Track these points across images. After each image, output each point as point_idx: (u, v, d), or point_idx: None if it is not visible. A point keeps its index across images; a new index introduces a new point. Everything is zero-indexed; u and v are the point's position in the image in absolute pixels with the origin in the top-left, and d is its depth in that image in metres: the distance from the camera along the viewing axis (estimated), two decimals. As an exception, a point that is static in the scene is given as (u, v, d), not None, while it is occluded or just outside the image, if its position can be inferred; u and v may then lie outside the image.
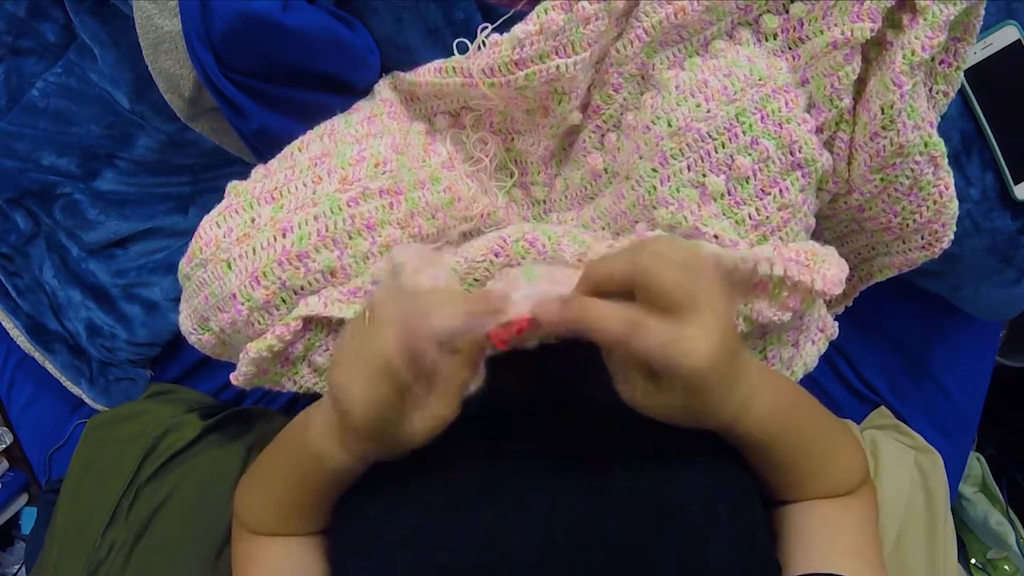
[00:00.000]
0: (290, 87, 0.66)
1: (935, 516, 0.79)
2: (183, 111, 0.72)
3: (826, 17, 0.58)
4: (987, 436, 1.12)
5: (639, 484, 0.50)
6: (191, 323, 0.64)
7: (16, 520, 1.19)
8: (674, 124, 0.58)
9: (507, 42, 0.60)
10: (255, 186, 0.62)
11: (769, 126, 0.57)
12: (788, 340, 0.63)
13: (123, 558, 0.70)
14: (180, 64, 0.67)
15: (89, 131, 0.79)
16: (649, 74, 0.65)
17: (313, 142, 0.65)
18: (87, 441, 0.81)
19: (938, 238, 0.63)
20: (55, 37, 0.76)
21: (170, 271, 0.84)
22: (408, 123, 0.69)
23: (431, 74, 0.65)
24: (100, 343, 0.85)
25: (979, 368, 0.87)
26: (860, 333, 0.83)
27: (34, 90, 0.77)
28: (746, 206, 0.58)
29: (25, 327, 0.86)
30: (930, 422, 0.86)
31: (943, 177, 0.59)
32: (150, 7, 0.64)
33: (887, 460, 0.80)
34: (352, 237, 0.60)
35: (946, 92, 0.62)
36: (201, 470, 0.77)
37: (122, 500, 0.74)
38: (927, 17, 0.55)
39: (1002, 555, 1.04)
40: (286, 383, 0.65)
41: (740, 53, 0.60)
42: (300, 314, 0.59)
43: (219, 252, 0.60)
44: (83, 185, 0.82)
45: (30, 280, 0.86)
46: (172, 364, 0.89)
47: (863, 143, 0.60)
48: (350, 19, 0.67)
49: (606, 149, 0.68)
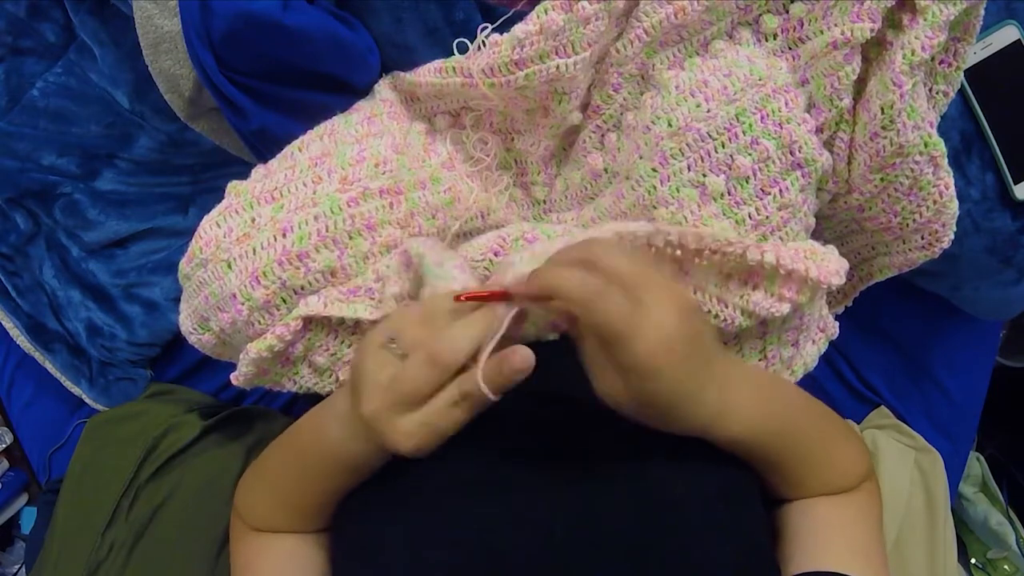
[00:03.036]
0: (290, 87, 0.66)
1: (935, 516, 0.79)
2: (183, 111, 0.72)
3: (826, 17, 0.58)
4: (987, 436, 1.12)
5: (639, 483, 0.50)
6: (191, 323, 0.64)
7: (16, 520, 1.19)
8: (674, 124, 0.58)
9: (507, 42, 0.60)
10: (255, 186, 0.62)
11: (769, 126, 0.57)
12: (788, 340, 0.63)
13: (123, 558, 0.70)
14: (180, 64, 0.67)
15: (89, 131, 0.79)
16: (649, 74, 0.65)
17: (313, 142, 0.65)
18: (87, 441, 0.81)
19: (938, 238, 0.63)
20: (55, 37, 0.76)
21: (170, 271, 0.84)
22: (408, 123, 0.69)
23: (431, 74, 0.65)
24: (100, 343, 0.85)
25: (979, 368, 0.87)
26: (860, 333, 0.83)
27: (34, 90, 0.77)
28: (746, 206, 0.58)
29: (25, 327, 0.86)
30: (930, 422, 0.86)
31: (943, 177, 0.59)
32: (150, 7, 0.64)
33: (887, 460, 0.80)
34: (352, 237, 0.60)
35: (946, 92, 0.62)
36: (201, 470, 0.77)
37: (122, 500, 0.74)
38: (927, 17, 0.55)
39: (1002, 555, 1.04)
40: (286, 383, 0.65)
41: (740, 53, 0.60)
42: (300, 314, 0.59)
43: (219, 252, 0.60)
44: (83, 185, 0.82)
45: (30, 280, 0.86)
46: (172, 364, 0.89)
47: (863, 143, 0.60)
48: (350, 19, 0.67)
49: (606, 149, 0.68)
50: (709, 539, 0.48)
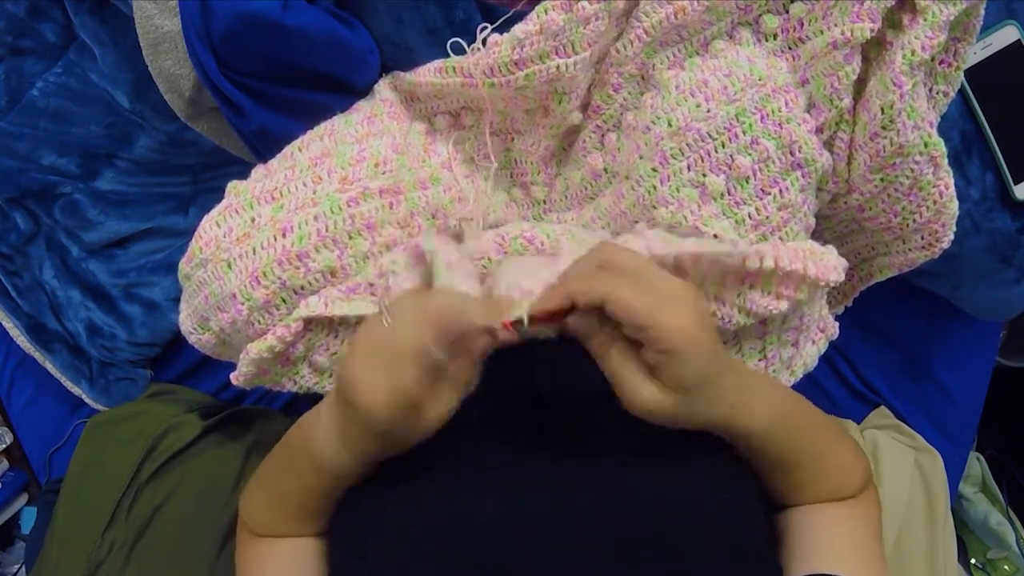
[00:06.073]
0: (290, 87, 0.66)
1: (935, 516, 0.79)
2: (183, 111, 0.72)
3: (826, 17, 0.58)
4: (987, 436, 1.12)
5: (638, 483, 0.50)
6: (191, 323, 0.64)
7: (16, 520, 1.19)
8: (674, 124, 0.58)
9: (507, 42, 0.60)
10: (255, 186, 0.62)
11: (769, 126, 0.57)
12: (788, 340, 0.63)
13: (123, 558, 0.70)
14: (180, 64, 0.67)
15: (89, 131, 0.79)
16: (649, 74, 0.65)
17: (313, 142, 0.65)
18: (87, 441, 0.81)
19: (938, 238, 0.63)
20: (55, 37, 0.76)
21: (170, 271, 0.84)
22: (408, 123, 0.69)
23: (431, 74, 0.65)
24: (100, 343, 0.85)
25: (979, 368, 0.87)
26: (860, 333, 0.83)
27: (34, 90, 0.77)
28: (746, 206, 0.58)
29: (25, 327, 0.86)
30: (930, 422, 0.86)
31: (943, 177, 0.59)
32: (150, 7, 0.64)
33: (887, 460, 0.80)
34: (352, 237, 0.60)
35: (946, 92, 0.62)
36: (201, 470, 0.77)
37: (122, 500, 0.74)
38: (927, 17, 0.55)
39: (1002, 555, 1.04)
40: (286, 383, 0.65)
41: (740, 53, 0.60)
42: (300, 315, 0.59)
43: (219, 252, 0.60)
44: (83, 185, 0.82)
45: (30, 280, 0.86)
46: (172, 364, 0.89)
47: (863, 143, 0.60)
48: (350, 19, 0.67)
49: (606, 149, 0.68)
50: (708, 540, 0.48)
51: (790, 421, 0.53)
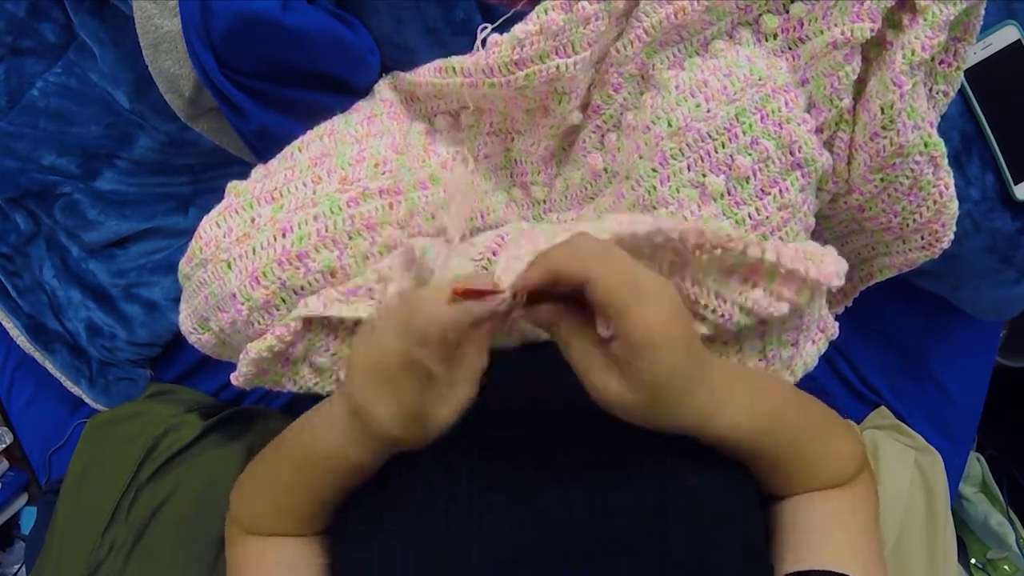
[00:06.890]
0: (290, 87, 0.66)
1: (935, 516, 0.79)
2: (183, 111, 0.72)
3: (826, 17, 0.58)
4: (987, 436, 1.12)
5: (638, 483, 0.50)
6: (191, 323, 0.64)
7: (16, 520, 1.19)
8: (674, 124, 0.58)
9: (507, 42, 0.60)
10: (255, 186, 0.62)
11: (769, 126, 0.56)
12: (788, 340, 0.63)
13: (123, 558, 0.70)
14: (180, 64, 0.67)
15: (89, 131, 0.79)
16: (649, 74, 0.65)
17: (313, 142, 0.65)
18: (87, 441, 0.81)
19: (938, 238, 0.63)
20: (55, 37, 0.76)
21: (170, 271, 0.84)
22: (408, 123, 0.69)
23: (431, 74, 0.65)
24: (100, 343, 0.85)
25: (979, 368, 0.87)
26: (860, 333, 0.83)
27: (34, 90, 0.77)
28: (746, 206, 0.58)
29: (25, 327, 0.86)
30: (930, 422, 0.86)
31: (943, 177, 0.59)
32: (150, 7, 0.64)
33: (887, 460, 0.80)
34: (352, 237, 0.60)
35: (946, 92, 0.62)
36: (201, 470, 0.77)
37: (122, 500, 0.74)
38: (927, 17, 0.55)
39: (1002, 555, 1.04)
40: (286, 383, 0.65)
41: (740, 53, 0.60)
42: (300, 315, 0.59)
43: (219, 252, 0.60)
44: (83, 185, 0.82)
45: (30, 280, 0.86)
46: (172, 364, 0.89)
47: (863, 143, 0.60)
48: (350, 19, 0.67)
49: (606, 149, 0.68)
50: (720, 530, 0.48)
51: (777, 422, 0.52)
